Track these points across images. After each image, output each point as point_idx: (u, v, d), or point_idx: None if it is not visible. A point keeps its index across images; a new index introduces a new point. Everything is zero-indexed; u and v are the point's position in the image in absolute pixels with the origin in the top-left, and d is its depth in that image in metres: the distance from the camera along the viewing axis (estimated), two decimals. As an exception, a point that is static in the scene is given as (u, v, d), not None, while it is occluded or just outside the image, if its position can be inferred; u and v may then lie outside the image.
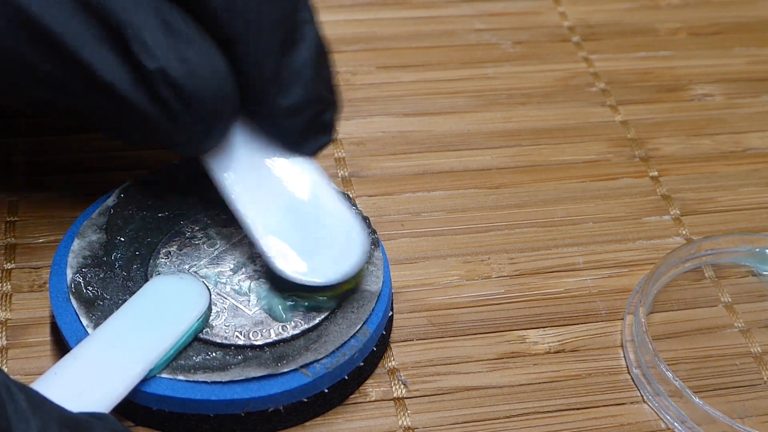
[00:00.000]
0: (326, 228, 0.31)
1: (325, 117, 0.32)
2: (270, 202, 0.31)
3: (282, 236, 0.31)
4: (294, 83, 0.31)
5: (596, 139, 0.42)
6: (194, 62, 0.29)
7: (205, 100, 0.29)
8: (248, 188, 0.31)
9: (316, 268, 0.30)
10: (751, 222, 0.39)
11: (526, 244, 0.37)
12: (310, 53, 0.31)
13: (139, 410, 0.30)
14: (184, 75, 0.29)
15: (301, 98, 0.31)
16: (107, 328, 0.29)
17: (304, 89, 0.31)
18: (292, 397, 0.30)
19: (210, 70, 0.29)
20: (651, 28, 0.48)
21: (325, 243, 0.31)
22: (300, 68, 0.31)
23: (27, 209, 0.36)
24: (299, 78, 0.31)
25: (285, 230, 0.31)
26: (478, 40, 0.46)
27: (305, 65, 0.31)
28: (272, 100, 0.31)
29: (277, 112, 0.31)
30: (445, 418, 0.32)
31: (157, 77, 0.28)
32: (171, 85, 0.29)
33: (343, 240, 0.31)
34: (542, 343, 0.34)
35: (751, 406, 0.33)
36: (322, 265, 0.30)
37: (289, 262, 0.30)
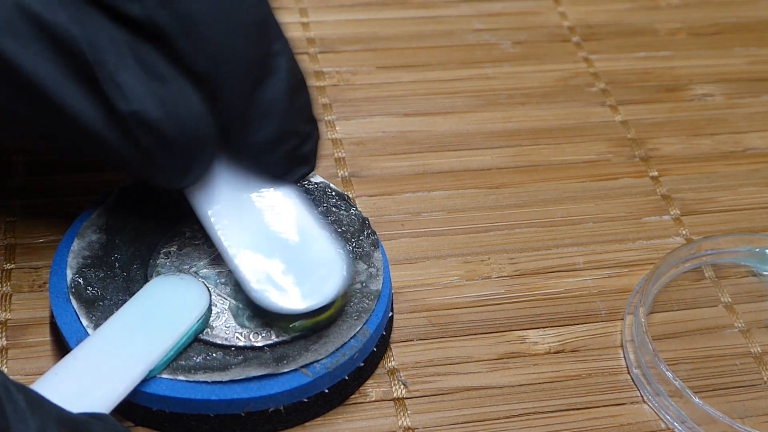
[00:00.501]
0: (305, 257, 0.31)
1: (302, 149, 0.31)
2: (249, 231, 0.31)
3: (259, 264, 0.30)
4: (266, 118, 0.30)
5: (596, 139, 0.42)
6: (170, 103, 0.28)
7: (182, 141, 0.28)
8: (228, 219, 0.31)
9: (290, 297, 0.30)
10: (751, 222, 0.39)
11: (526, 244, 0.37)
12: (283, 86, 0.30)
13: (140, 410, 0.30)
14: (159, 117, 0.28)
15: (273, 134, 0.30)
16: (107, 329, 0.29)
17: (276, 124, 0.30)
18: (292, 397, 0.30)
19: (186, 111, 0.28)
20: (651, 28, 0.48)
21: (302, 271, 0.30)
22: (271, 102, 0.30)
23: (27, 209, 0.36)
24: (271, 113, 0.30)
25: (262, 259, 0.30)
26: (477, 40, 0.46)
27: (277, 99, 0.30)
28: (245, 136, 0.30)
29: (251, 148, 0.30)
30: (445, 418, 0.32)
31: (131, 120, 0.28)
32: (146, 128, 0.28)
33: (322, 269, 0.30)
34: (542, 343, 0.34)
35: (751, 406, 0.33)
36: (296, 294, 0.30)
37: (264, 291, 0.30)
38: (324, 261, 0.31)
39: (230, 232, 0.31)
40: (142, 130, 0.28)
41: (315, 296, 0.30)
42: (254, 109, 0.30)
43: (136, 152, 0.28)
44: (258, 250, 0.31)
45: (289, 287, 0.30)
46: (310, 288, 0.30)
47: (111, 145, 0.28)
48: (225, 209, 0.31)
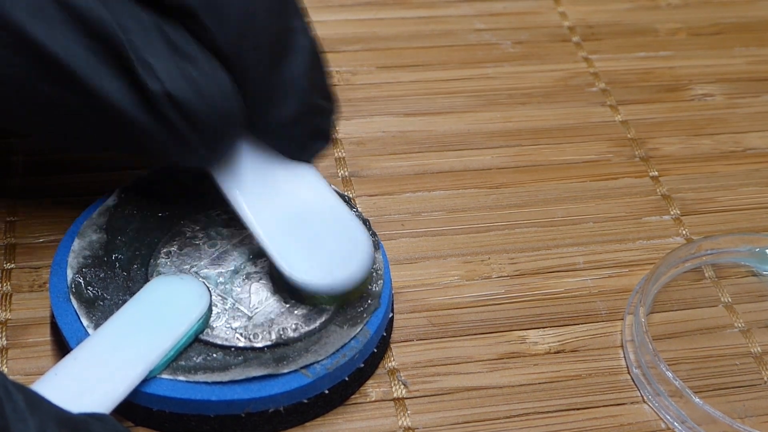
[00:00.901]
0: (332, 235, 0.31)
1: (321, 124, 0.32)
2: (277, 212, 0.31)
3: (291, 244, 0.31)
4: (288, 95, 0.30)
5: (596, 139, 0.42)
6: (200, 82, 0.28)
7: (212, 120, 0.29)
8: (255, 198, 0.31)
9: (326, 275, 0.30)
10: (751, 222, 0.39)
11: (526, 244, 0.37)
12: (303, 63, 0.30)
13: (140, 411, 0.30)
14: (190, 96, 0.28)
15: (295, 110, 0.31)
16: (108, 329, 0.29)
17: (298, 100, 0.30)
18: (292, 397, 0.30)
19: (216, 90, 0.29)
20: (651, 28, 0.48)
21: (333, 250, 0.31)
22: (293, 79, 0.30)
23: (27, 209, 0.36)
24: (293, 89, 0.30)
25: (293, 238, 0.31)
26: (478, 40, 0.46)
27: (298, 76, 0.30)
28: (268, 113, 0.30)
29: (273, 125, 0.31)
30: (445, 418, 0.32)
31: (162, 99, 0.28)
32: (177, 107, 0.28)
33: (350, 246, 0.31)
34: (542, 343, 0.34)
35: (751, 406, 0.33)
36: (330, 271, 0.30)
37: (301, 270, 0.30)
38: (351, 238, 0.31)
39: (259, 210, 0.31)
40: (174, 109, 0.28)
41: (344, 273, 0.30)
42: (278, 85, 0.30)
43: (167, 132, 0.29)
44: (287, 228, 0.31)
45: (320, 265, 0.30)
46: (340, 265, 0.30)
47: (142, 126, 0.29)
48: (252, 188, 0.31)
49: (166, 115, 0.28)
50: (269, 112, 0.30)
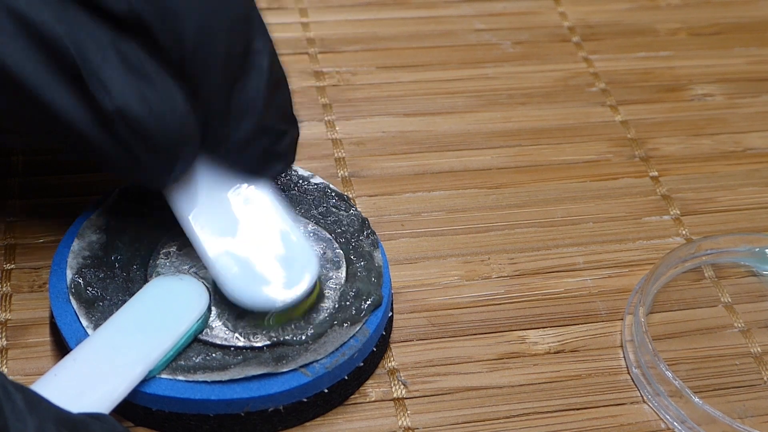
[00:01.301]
0: (278, 253, 0.31)
1: (279, 146, 0.31)
2: (224, 228, 0.31)
3: (233, 261, 0.30)
4: (243, 116, 0.30)
5: (596, 139, 0.42)
6: (153, 101, 0.28)
7: (165, 140, 0.28)
8: (203, 213, 0.31)
9: (263, 293, 0.30)
10: (751, 222, 0.39)
11: (526, 244, 0.37)
12: (261, 83, 0.30)
13: (139, 411, 0.30)
14: (144, 115, 0.28)
15: (250, 131, 0.30)
16: (107, 329, 0.29)
17: (253, 122, 0.30)
18: (291, 396, 0.30)
19: (169, 109, 0.28)
20: (651, 28, 0.48)
21: (276, 268, 0.31)
22: (250, 100, 0.30)
23: (27, 209, 0.36)
24: (249, 111, 0.30)
25: (237, 255, 0.31)
26: (478, 40, 0.46)
27: (255, 96, 0.30)
28: (222, 133, 0.30)
29: (228, 145, 0.30)
30: (445, 418, 0.32)
31: (116, 116, 0.28)
32: (130, 125, 0.28)
33: (295, 265, 0.31)
34: (542, 343, 0.34)
35: (751, 406, 0.33)
36: (269, 289, 0.30)
37: (238, 287, 0.30)
38: (297, 257, 0.31)
39: (206, 231, 0.31)
40: (126, 127, 0.28)
41: (288, 292, 0.30)
42: (233, 105, 0.30)
43: (119, 150, 0.28)
44: (233, 248, 0.31)
45: (264, 284, 0.30)
46: (284, 284, 0.30)
47: (95, 142, 0.28)
48: (202, 208, 0.31)
49: (118, 133, 0.28)
50: (224, 132, 0.30)
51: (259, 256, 0.31)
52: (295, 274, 0.30)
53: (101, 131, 0.28)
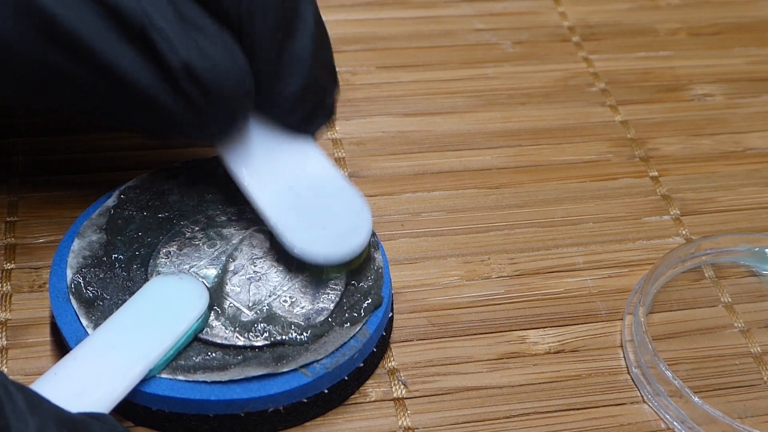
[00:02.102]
0: (332, 207, 0.32)
1: (325, 100, 0.32)
2: (280, 186, 0.32)
3: (292, 218, 0.31)
4: (294, 72, 0.31)
5: (596, 139, 0.42)
6: (215, 56, 0.29)
7: (228, 93, 0.29)
8: (259, 174, 0.32)
9: (324, 246, 0.31)
10: (751, 222, 0.39)
11: (526, 244, 0.37)
12: (309, 40, 0.31)
13: (139, 410, 0.30)
14: (206, 69, 0.29)
15: (301, 86, 0.31)
16: (107, 329, 0.29)
17: (303, 77, 0.31)
18: (291, 397, 0.30)
19: (230, 64, 0.29)
20: (651, 28, 0.48)
21: (333, 221, 0.32)
22: (300, 56, 0.31)
23: (27, 209, 0.36)
24: (299, 66, 0.31)
25: (295, 212, 0.32)
26: (478, 40, 0.46)
27: (305, 52, 0.31)
28: (274, 88, 0.31)
29: (278, 100, 0.31)
30: (445, 418, 0.32)
31: (180, 72, 0.29)
32: (194, 79, 0.29)
33: (350, 217, 0.32)
34: (542, 343, 0.34)
35: (751, 406, 0.33)
36: (331, 242, 0.31)
37: (304, 242, 0.31)
38: (351, 212, 0.32)
39: (263, 187, 0.32)
40: (191, 82, 0.29)
41: (344, 246, 0.31)
42: (284, 61, 0.31)
43: (183, 105, 0.29)
44: (289, 202, 0.32)
45: (320, 236, 0.31)
46: (342, 238, 0.31)
47: (158, 98, 0.29)
48: (256, 164, 0.32)
49: (182, 88, 0.29)
50: (275, 87, 0.31)
51: (316, 212, 0.32)
52: (351, 228, 0.31)
53: (166, 87, 0.29)
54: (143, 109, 0.30)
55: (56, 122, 0.39)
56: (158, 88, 0.29)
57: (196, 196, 0.34)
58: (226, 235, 0.33)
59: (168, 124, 0.30)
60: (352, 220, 0.32)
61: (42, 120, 0.39)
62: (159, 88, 0.29)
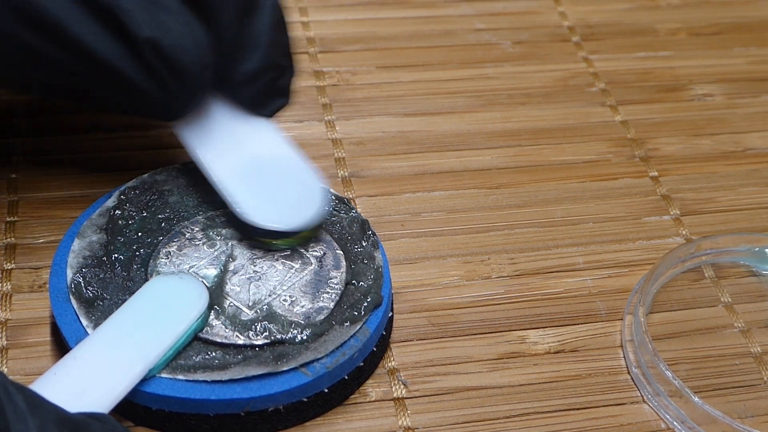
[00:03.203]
0: (286, 181, 0.33)
1: (281, 82, 0.33)
2: (234, 159, 0.33)
3: (248, 189, 0.32)
4: (252, 50, 0.32)
5: (596, 139, 0.42)
6: (178, 31, 0.30)
7: (192, 66, 0.30)
8: (215, 149, 0.33)
9: (277, 214, 0.32)
10: (751, 222, 0.39)
11: (526, 244, 0.37)
12: (268, 21, 0.32)
13: (139, 410, 0.30)
14: (170, 44, 0.30)
15: (258, 65, 0.32)
16: (107, 328, 0.29)
17: (261, 56, 0.32)
18: (292, 396, 0.30)
19: (193, 40, 0.30)
20: (651, 28, 0.48)
21: (286, 194, 0.33)
22: (257, 35, 0.32)
23: (27, 209, 0.36)
24: (257, 45, 0.32)
25: (249, 184, 0.33)
26: (477, 40, 0.46)
27: (262, 32, 0.32)
28: (231, 67, 0.32)
29: (235, 78, 0.32)
30: (445, 418, 0.32)
31: (147, 47, 0.30)
32: (159, 54, 0.30)
33: (302, 191, 0.33)
34: (542, 343, 0.34)
35: (751, 406, 0.33)
36: (282, 211, 0.32)
37: (255, 211, 0.32)
38: (305, 183, 0.33)
39: (219, 162, 0.33)
40: (158, 57, 0.30)
41: (295, 213, 0.32)
42: (242, 39, 0.32)
43: (150, 80, 0.30)
44: (244, 176, 0.33)
45: (273, 206, 0.32)
46: (294, 207, 0.32)
47: (125, 72, 0.30)
48: (212, 141, 0.33)
49: (147, 61, 0.30)
50: (232, 66, 0.32)
51: (269, 183, 0.33)
52: (303, 199, 0.32)
53: (133, 62, 0.30)
54: (111, 85, 0.31)
55: (56, 122, 0.39)
56: (124, 63, 0.30)
57: (196, 197, 0.34)
58: (226, 235, 0.33)
59: (134, 98, 0.31)
60: (305, 193, 0.33)
61: (42, 120, 0.39)
62: (125, 63, 0.30)
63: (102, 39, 0.30)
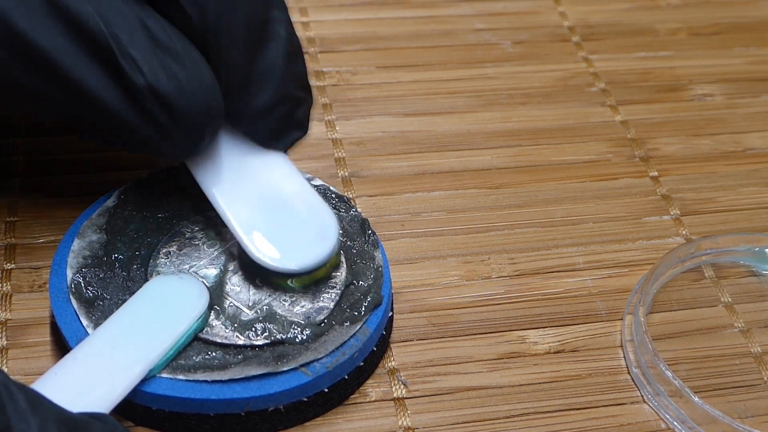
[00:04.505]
0: (300, 218, 0.32)
1: (297, 114, 0.32)
2: (246, 196, 0.32)
3: (258, 227, 0.31)
4: (264, 84, 0.31)
5: (596, 139, 0.42)
6: (181, 77, 0.29)
7: (194, 114, 0.29)
8: (226, 184, 0.32)
9: (289, 255, 0.31)
10: (751, 222, 0.39)
11: (526, 244, 0.37)
12: (280, 52, 0.31)
13: (139, 410, 0.30)
14: (172, 90, 0.29)
15: (271, 98, 0.31)
16: (107, 328, 0.29)
17: (274, 89, 0.31)
18: (292, 396, 0.30)
19: (197, 85, 0.29)
20: (651, 28, 0.48)
21: (299, 232, 0.31)
22: (270, 68, 0.31)
23: (27, 209, 0.36)
24: (270, 78, 0.31)
25: (261, 221, 0.31)
26: (477, 40, 0.46)
27: (275, 65, 0.31)
28: (244, 101, 0.31)
29: (249, 112, 0.31)
30: (445, 418, 0.32)
31: (146, 93, 0.29)
32: (160, 101, 0.29)
33: (316, 229, 0.32)
34: (542, 343, 0.34)
35: (751, 406, 0.33)
36: (295, 252, 0.31)
37: (264, 251, 0.31)
38: (318, 221, 0.32)
39: (230, 200, 0.32)
40: (157, 103, 0.29)
41: (311, 255, 0.31)
42: (254, 73, 0.31)
43: (148, 125, 0.29)
44: (256, 215, 0.32)
45: (287, 248, 0.31)
46: (307, 247, 0.31)
47: (124, 118, 0.29)
48: (224, 177, 0.32)
49: (148, 109, 0.29)
50: (245, 100, 0.31)
51: (282, 222, 0.32)
52: (316, 238, 0.31)
53: (131, 107, 0.29)
54: (109, 125, 0.30)
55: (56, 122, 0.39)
56: (124, 108, 0.29)
57: (196, 196, 0.34)
58: (226, 234, 0.33)
59: (135, 142, 0.30)
60: (318, 231, 0.31)
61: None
62: (124, 108, 0.29)
63: (101, 81, 0.29)
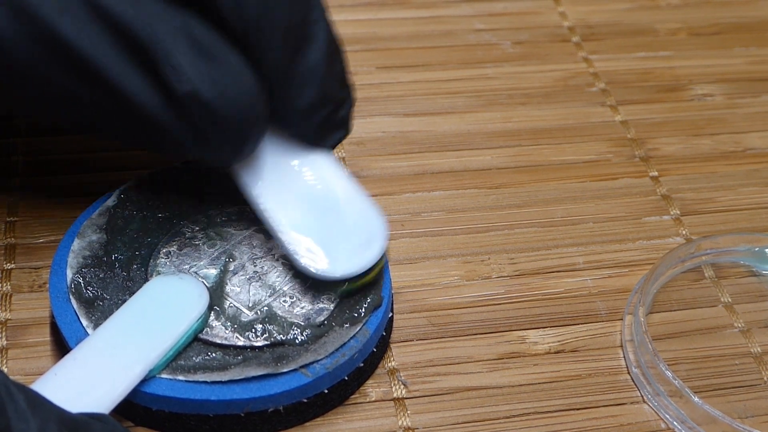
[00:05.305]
0: (347, 222, 0.32)
1: (339, 114, 0.32)
2: (292, 201, 0.32)
3: (304, 233, 0.31)
4: (307, 84, 0.31)
5: (596, 139, 0.42)
6: (225, 84, 0.29)
7: (236, 121, 0.29)
8: (270, 187, 0.32)
9: (337, 263, 0.31)
10: (751, 222, 0.39)
11: (526, 244, 0.37)
12: (321, 53, 0.31)
13: (139, 411, 0.30)
14: (215, 97, 0.29)
15: (314, 99, 0.31)
16: (107, 329, 0.29)
17: (316, 90, 0.31)
18: (291, 397, 0.30)
19: (240, 91, 0.29)
20: (651, 28, 0.48)
21: (346, 237, 0.31)
22: (312, 69, 0.31)
23: (27, 209, 0.36)
24: (312, 79, 0.31)
25: (307, 227, 0.31)
26: (478, 40, 0.46)
27: (317, 65, 0.31)
28: (287, 102, 0.31)
29: (292, 114, 0.31)
30: (445, 418, 0.32)
31: (188, 100, 0.28)
32: (202, 108, 0.29)
33: (364, 233, 0.31)
34: (542, 343, 0.34)
35: (751, 406, 0.33)
36: (342, 258, 0.31)
37: (312, 259, 0.31)
38: (365, 225, 0.32)
39: (275, 205, 0.32)
40: (198, 110, 0.29)
41: (359, 261, 0.31)
42: (295, 74, 0.31)
43: (190, 132, 0.29)
44: (302, 220, 0.31)
45: (334, 254, 0.31)
46: (354, 253, 0.31)
47: (165, 125, 0.29)
48: (268, 182, 0.32)
49: (190, 116, 0.29)
50: (288, 100, 0.31)
51: (328, 227, 0.31)
52: (364, 242, 0.31)
53: (173, 114, 0.29)
54: (151, 133, 0.29)
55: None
56: (164, 114, 0.29)
57: (196, 196, 0.34)
58: (226, 234, 0.33)
59: (177, 149, 0.30)
60: (365, 235, 0.31)
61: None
62: (165, 114, 0.29)
63: (142, 85, 0.28)
